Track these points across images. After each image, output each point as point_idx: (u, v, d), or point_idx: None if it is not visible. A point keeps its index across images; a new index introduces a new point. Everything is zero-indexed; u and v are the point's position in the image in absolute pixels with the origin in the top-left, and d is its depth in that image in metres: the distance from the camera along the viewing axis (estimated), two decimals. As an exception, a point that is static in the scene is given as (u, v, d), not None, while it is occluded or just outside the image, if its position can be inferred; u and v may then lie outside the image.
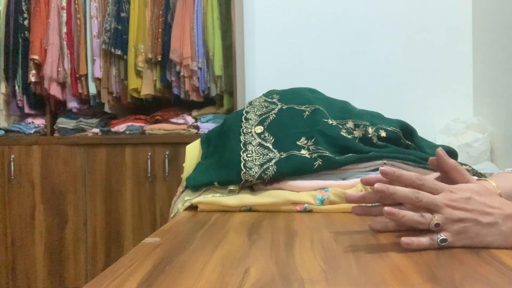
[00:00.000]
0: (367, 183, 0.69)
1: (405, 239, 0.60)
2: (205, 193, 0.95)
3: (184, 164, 1.12)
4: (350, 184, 0.92)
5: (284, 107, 1.07)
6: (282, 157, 0.93)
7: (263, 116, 1.06)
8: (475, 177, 0.74)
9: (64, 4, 2.57)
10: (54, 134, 2.65)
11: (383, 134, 1.02)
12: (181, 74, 2.46)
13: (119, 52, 2.50)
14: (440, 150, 0.66)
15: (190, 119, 2.54)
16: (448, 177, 0.69)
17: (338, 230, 0.73)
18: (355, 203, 0.71)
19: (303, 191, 0.91)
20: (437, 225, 0.60)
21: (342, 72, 2.69)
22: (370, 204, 0.71)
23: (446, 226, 0.60)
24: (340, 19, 2.70)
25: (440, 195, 0.61)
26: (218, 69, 2.46)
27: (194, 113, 2.58)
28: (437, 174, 0.73)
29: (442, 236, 0.59)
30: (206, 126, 2.49)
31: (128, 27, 2.51)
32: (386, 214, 0.61)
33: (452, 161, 0.66)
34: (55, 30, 2.55)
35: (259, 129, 1.02)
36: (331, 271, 0.52)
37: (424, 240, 0.60)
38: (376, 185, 0.63)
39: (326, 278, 0.49)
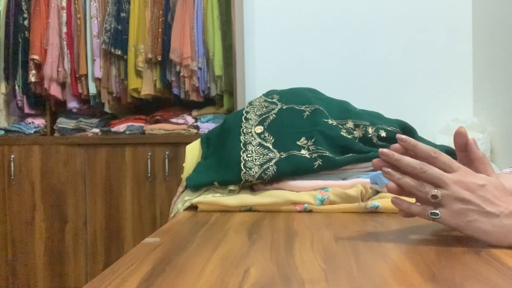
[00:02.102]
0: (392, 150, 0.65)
1: (394, 198, 0.60)
2: (205, 193, 0.95)
3: (184, 164, 1.12)
4: (350, 184, 0.92)
5: (284, 107, 1.07)
6: (282, 157, 0.93)
7: (263, 116, 1.06)
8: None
9: (64, 4, 2.57)
10: (54, 134, 2.65)
11: (383, 134, 1.02)
12: (181, 74, 2.46)
13: (119, 52, 2.50)
14: (472, 140, 0.65)
15: (190, 119, 2.54)
16: (469, 165, 0.66)
17: (338, 230, 0.73)
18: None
19: (303, 191, 0.91)
20: (434, 196, 0.58)
21: (342, 72, 2.69)
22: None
23: (446, 202, 0.59)
24: (340, 19, 2.70)
25: (452, 173, 0.60)
26: (218, 69, 2.46)
27: (194, 113, 2.58)
28: None
29: (435, 210, 0.59)
30: (206, 126, 2.49)
31: (128, 27, 2.51)
32: (384, 173, 0.61)
33: (481, 152, 0.65)
34: (55, 30, 2.55)
35: (259, 129, 1.02)
36: (331, 271, 0.52)
37: (415, 206, 0.60)
38: (381, 149, 0.62)
39: (326, 278, 0.49)
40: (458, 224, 0.59)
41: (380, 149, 0.63)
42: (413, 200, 0.65)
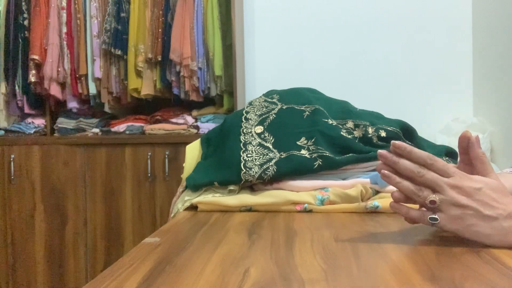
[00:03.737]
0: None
1: (393, 203, 0.61)
2: (205, 193, 0.95)
3: (184, 164, 1.12)
4: (350, 184, 0.92)
5: (284, 107, 1.07)
6: (282, 157, 0.94)
7: (263, 116, 1.06)
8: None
9: (64, 4, 2.57)
10: (54, 134, 2.65)
11: (383, 134, 1.02)
12: (181, 74, 2.46)
13: (119, 52, 2.50)
14: (475, 138, 0.65)
15: (190, 119, 2.54)
16: (471, 166, 0.67)
17: (338, 230, 0.73)
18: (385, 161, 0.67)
19: (303, 191, 0.91)
20: (432, 202, 0.59)
21: (342, 72, 2.69)
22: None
23: (444, 207, 0.59)
24: (340, 19, 2.70)
25: (449, 178, 0.60)
26: (218, 69, 2.46)
27: (194, 113, 2.58)
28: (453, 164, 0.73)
29: (434, 215, 0.59)
30: (206, 126, 2.49)
31: (128, 27, 2.51)
32: (383, 176, 0.61)
33: (481, 151, 0.65)
34: (55, 30, 2.55)
35: (259, 129, 1.02)
36: (331, 271, 0.52)
37: (414, 212, 0.60)
38: (380, 151, 0.63)
39: (326, 278, 0.49)
40: (457, 229, 0.59)
41: (379, 151, 0.63)
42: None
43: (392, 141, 0.63)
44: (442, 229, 0.60)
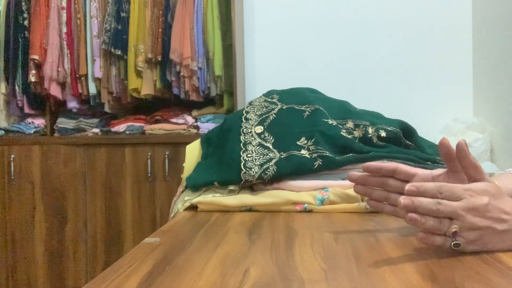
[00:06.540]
0: (367, 169, 0.72)
1: (421, 234, 0.60)
2: (205, 193, 0.95)
3: (184, 164, 1.12)
4: (350, 184, 0.91)
5: (284, 107, 1.07)
6: (282, 157, 0.94)
7: (263, 116, 1.06)
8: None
9: (64, 4, 2.57)
10: (54, 134, 2.65)
11: (383, 134, 1.02)
12: (181, 74, 2.46)
13: (119, 52, 2.50)
14: (463, 143, 0.66)
15: (190, 119, 2.54)
16: (459, 173, 0.69)
17: (338, 230, 0.73)
18: (356, 182, 0.74)
19: (303, 191, 0.91)
20: (454, 233, 0.59)
21: (342, 72, 2.68)
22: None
23: (463, 233, 0.60)
24: (340, 19, 2.70)
25: (461, 201, 0.60)
26: (218, 69, 2.46)
27: (194, 113, 2.58)
28: (442, 170, 0.73)
29: (456, 240, 0.59)
30: (206, 126, 2.49)
31: (128, 27, 2.51)
32: (410, 219, 0.59)
33: (472, 157, 0.65)
34: (55, 30, 2.55)
35: (259, 129, 1.02)
36: (331, 271, 0.52)
37: (438, 238, 0.60)
38: (401, 200, 0.60)
39: (326, 278, 0.49)
40: (475, 249, 0.60)
41: (401, 199, 0.60)
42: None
43: (408, 186, 0.61)
44: (462, 250, 0.60)
